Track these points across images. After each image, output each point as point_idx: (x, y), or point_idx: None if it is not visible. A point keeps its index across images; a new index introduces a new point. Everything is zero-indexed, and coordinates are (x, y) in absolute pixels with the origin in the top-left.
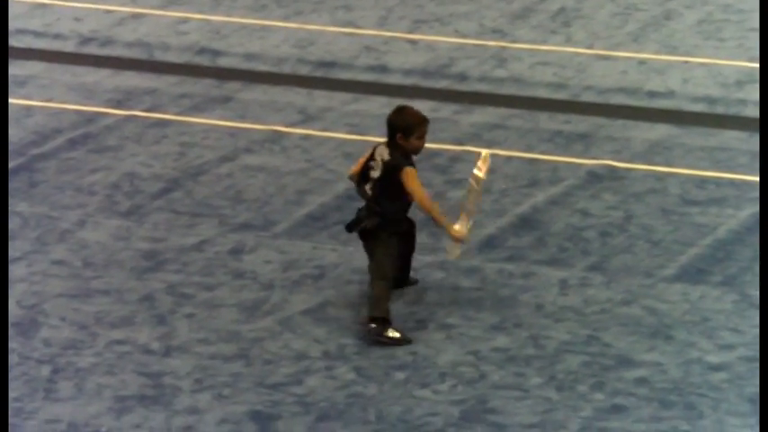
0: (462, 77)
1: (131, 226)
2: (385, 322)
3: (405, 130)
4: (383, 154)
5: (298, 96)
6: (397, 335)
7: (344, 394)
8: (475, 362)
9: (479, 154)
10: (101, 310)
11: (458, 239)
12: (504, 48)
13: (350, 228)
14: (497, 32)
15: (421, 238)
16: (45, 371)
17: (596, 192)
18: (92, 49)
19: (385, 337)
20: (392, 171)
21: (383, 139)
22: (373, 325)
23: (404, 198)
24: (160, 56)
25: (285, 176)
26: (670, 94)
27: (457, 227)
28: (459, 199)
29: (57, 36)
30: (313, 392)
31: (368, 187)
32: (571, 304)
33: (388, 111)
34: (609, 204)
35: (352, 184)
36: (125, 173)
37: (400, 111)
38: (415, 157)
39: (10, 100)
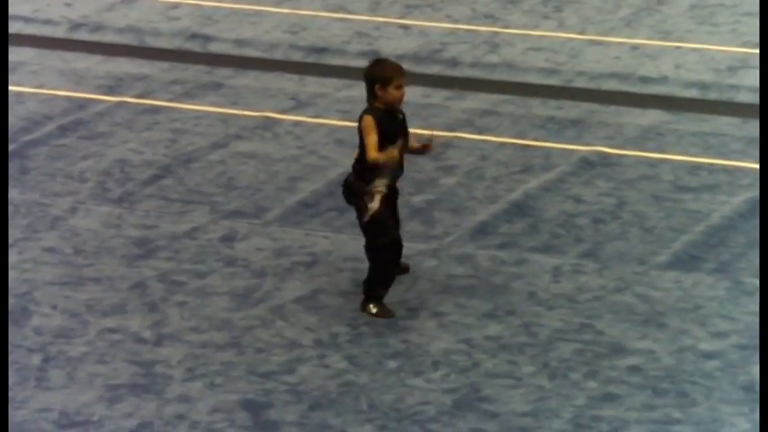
0: (454, 63)
1: (123, 213)
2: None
3: (382, 81)
4: None
5: (289, 82)
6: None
7: (336, 383)
8: (467, 350)
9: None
10: (92, 298)
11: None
12: (496, 33)
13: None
14: (489, 18)
15: (413, 225)
16: (36, 359)
17: (589, 178)
18: (82, 35)
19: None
20: (359, 122)
21: (368, 133)
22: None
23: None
24: (151, 42)
25: (277, 163)
26: (663, 79)
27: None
28: (450, 186)
29: (47, 22)
30: (305, 381)
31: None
32: (564, 292)
33: None
34: (602, 191)
35: (344, 171)
36: (116, 159)
37: (377, 62)
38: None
39: None
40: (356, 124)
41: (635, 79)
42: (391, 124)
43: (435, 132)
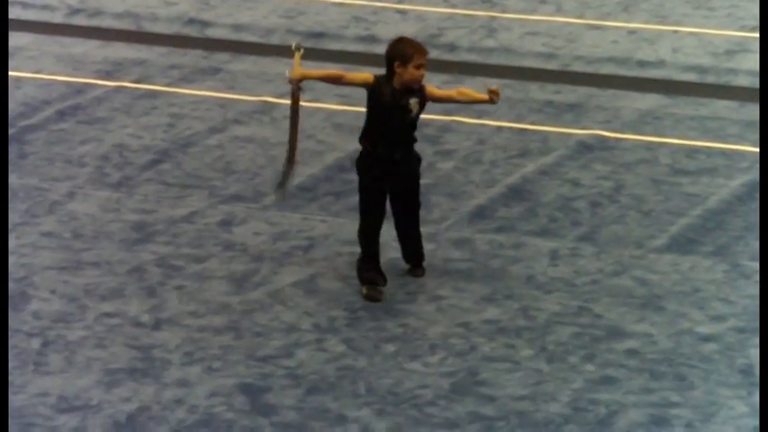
0: (452, 47)
1: (121, 197)
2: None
3: (402, 58)
4: None
5: (287, 67)
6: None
7: (334, 367)
8: (465, 334)
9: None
10: (90, 283)
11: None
12: (493, 18)
13: None
14: (487, 2)
15: None
16: (35, 344)
17: (586, 162)
18: (80, 20)
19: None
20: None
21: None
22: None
23: (370, 121)
24: (149, 27)
25: (275, 147)
26: (660, 63)
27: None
28: (447, 170)
29: (45, 7)
30: (303, 365)
31: None
32: (561, 275)
33: None
34: (599, 174)
35: (342, 155)
36: (114, 144)
37: (399, 40)
38: None
39: None
40: (354, 108)
41: (632, 63)
42: (393, 102)
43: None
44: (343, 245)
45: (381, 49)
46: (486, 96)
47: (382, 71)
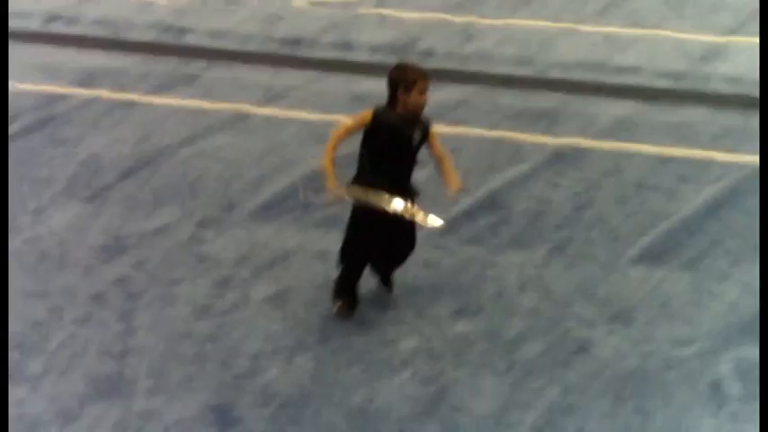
0: (428, 54)
1: (93, 209)
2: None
3: (405, 84)
4: None
5: (263, 75)
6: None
7: (305, 383)
8: (435, 349)
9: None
10: (56, 306)
11: (330, 192)
12: (470, 23)
13: None
14: (464, 8)
15: None
16: None
17: (561, 170)
18: (57, 28)
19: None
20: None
21: (349, 117)
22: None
23: (366, 153)
24: (125, 34)
25: (249, 158)
26: (636, 69)
27: (342, 188)
28: (420, 180)
29: (20, 14)
30: (274, 381)
31: None
32: (533, 288)
33: (354, 89)
34: (573, 183)
35: (316, 166)
36: (86, 157)
37: (400, 66)
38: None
39: None
40: (331, 117)
41: (608, 69)
42: (398, 131)
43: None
44: (315, 258)
45: (358, 56)
46: (453, 185)
47: (356, 77)
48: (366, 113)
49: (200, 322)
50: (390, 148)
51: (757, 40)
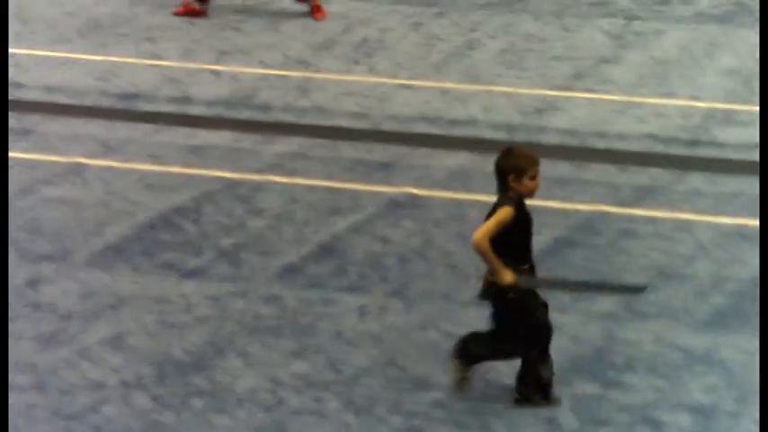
0: (266, 108)
1: None
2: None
3: (517, 172)
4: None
5: (100, 128)
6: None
7: (142, 422)
8: (273, 388)
9: None
10: None
11: (509, 284)
12: (307, 78)
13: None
14: (302, 63)
15: (221, 267)
16: None
17: (397, 219)
18: None
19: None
20: (494, 209)
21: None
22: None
23: (505, 247)
24: None
25: (86, 208)
26: (471, 122)
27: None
28: (259, 228)
29: None
30: (110, 421)
31: None
32: (370, 330)
33: (190, 141)
34: (409, 231)
35: (153, 215)
36: None
37: (509, 152)
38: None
39: None
40: (168, 168)
41: (444, 122)
42: (526, 218)
43: None
44: (152, 303)
45: (195, 110)
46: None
47: (196, 131)
48: (507, 213)
49: (34, 366)
50: (526, 232)
51: (590, 95)
